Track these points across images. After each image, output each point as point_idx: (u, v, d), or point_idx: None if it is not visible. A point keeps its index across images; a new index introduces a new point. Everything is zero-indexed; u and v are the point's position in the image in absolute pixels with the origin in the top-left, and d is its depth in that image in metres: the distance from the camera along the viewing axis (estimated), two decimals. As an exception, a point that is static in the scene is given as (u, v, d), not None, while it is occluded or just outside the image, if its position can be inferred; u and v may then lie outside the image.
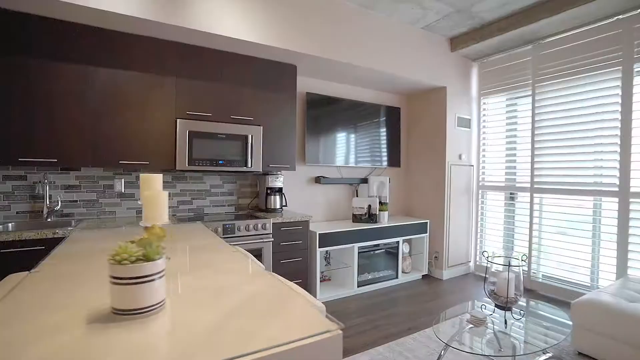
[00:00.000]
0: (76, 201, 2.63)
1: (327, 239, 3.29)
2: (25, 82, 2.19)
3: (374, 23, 3.33)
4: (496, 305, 1.92)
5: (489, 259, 1.95)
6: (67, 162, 2.31)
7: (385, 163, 4.27)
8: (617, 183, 2.98)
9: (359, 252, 3.53)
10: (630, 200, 2.91)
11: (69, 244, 1.48)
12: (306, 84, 3.68)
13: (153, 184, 1.13)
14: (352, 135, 3.99)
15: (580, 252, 3.25)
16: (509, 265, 1.82)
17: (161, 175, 1.18)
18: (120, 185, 2.76)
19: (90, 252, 1.32)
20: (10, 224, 2.31)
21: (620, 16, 2.89)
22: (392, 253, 3.86)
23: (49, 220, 2.48)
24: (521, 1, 3.04)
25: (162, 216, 1.01)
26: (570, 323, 1.97)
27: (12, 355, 0.57)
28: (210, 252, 1.35)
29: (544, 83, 3.49)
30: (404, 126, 4.55)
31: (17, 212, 2.44)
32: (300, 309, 0.75)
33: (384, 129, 4.25)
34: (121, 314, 0.68)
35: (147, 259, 0.67)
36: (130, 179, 2.81)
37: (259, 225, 2.79)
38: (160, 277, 0.69)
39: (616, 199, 2.99)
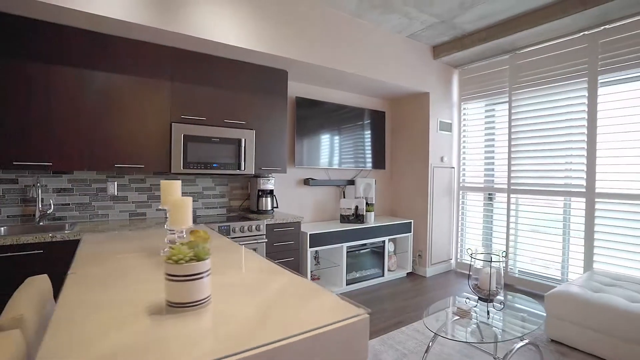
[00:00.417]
0: (68, 204, 2.61)
1: (318, 239, 3.40)
2: (20, 85, 2.17)
3: (362, 31, 3.46)
4: (479, 298, 2.09)
5: (473, 256, 2.11)
6: (63, 165, 2.31)
7: (370, 165, 4.42)
8: (584, 184, 3.25)
9: (347, 252, 3.66)
10: (596, 200, 3.18)
11: (87, 246, 1.51)
12: (296, 88, 3.78)
13: (173, 189, 1.21)
14: (339, 138, 4.11)
15: (552, 249, 3.52)
16: (491, 261, 1.99)
17: (180, 181, 1.26)
18: (113, 188, 2.76)
19: (111, 253, 1.35)
20: (2, 228, 2.29)
21: (587, 32, 3.15)
22: (378, 252, 4.02)
23: (41, 224, 2.46)
24: (500, 15, 3.26)
25: (187, 220, 1.09)
26: (544, 314, 2.16)
27: (100, 341, 0.67)
28: (228, 252, 1.42)
29: (520, 90, 3.74)
30: (389, 129, 4.73)
31: (7, 216, 2.41)
32: (327, 298, 0.85)
33: (370, 132, 4.40)
34: (176, 306, 0.77)
35: (198, 258, 0.75)
36: (123, 182, 2.82)
37: (253, 227, 2.86)
38: (208, 275, 0.78)
39: (583, 199, 3.26)
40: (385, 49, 3.67)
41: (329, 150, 4.01)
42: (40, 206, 2.48)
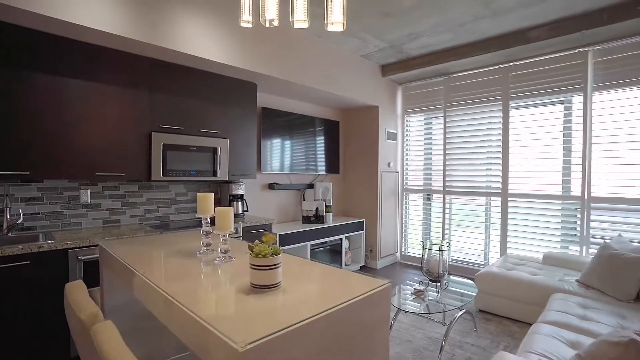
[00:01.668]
0: (38, 214, 2.55)
1: (286, 239, 3.70)
2: (-4, 93, 2.12)
3: (322, 49, 3.85)
4: (430, 280, 2.62)
5: (425, 247, 2.63)
6: (41, 174, 2.28)
7: (326, 170, 4.84)
8: (500, 186, 4.07)
9: (311, 249, 4.02)
10: (509, 199, 4.01)
11: (119, 251, 1.59)
12: (262, 99, 4.03)
13: (208, 200, 1.45)
14: (299, 145, 4.46)
15: (477, 239, 4.30)
16: (440, 250, 2.52)
17: (212, 194, 1.50)
18: (86, 196, 2.74)
19: (149, 256, 1.49)
20: (-31, 241, 2.19)
21: (501, 65, 3.96)
22: (336, 249, 4.45)
23: (10, 235, 2.38)
24: (438, 46, 3.91)
25: (230, 225, 1.36)
26: (474, 292, 2.77)
27: (227, 310, 0.93)
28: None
29: (453, 108, 4.48)
30: (342, 138, 5.20)
31: (-30, 228, 2.29)
32: (357, 277, 1.20)
33: (326, 140, 4.82)
34: (260, 288, 1.04)
35: (275, 253, 1.04)
36: (96, 189, 2.81)
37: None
38: (280, 265, 1.07)
39: (499, 198, 4.08)
40: (343, 66, 4.11)
41: (290, 156, 4.33)
42: (8, 217, 2.39)
